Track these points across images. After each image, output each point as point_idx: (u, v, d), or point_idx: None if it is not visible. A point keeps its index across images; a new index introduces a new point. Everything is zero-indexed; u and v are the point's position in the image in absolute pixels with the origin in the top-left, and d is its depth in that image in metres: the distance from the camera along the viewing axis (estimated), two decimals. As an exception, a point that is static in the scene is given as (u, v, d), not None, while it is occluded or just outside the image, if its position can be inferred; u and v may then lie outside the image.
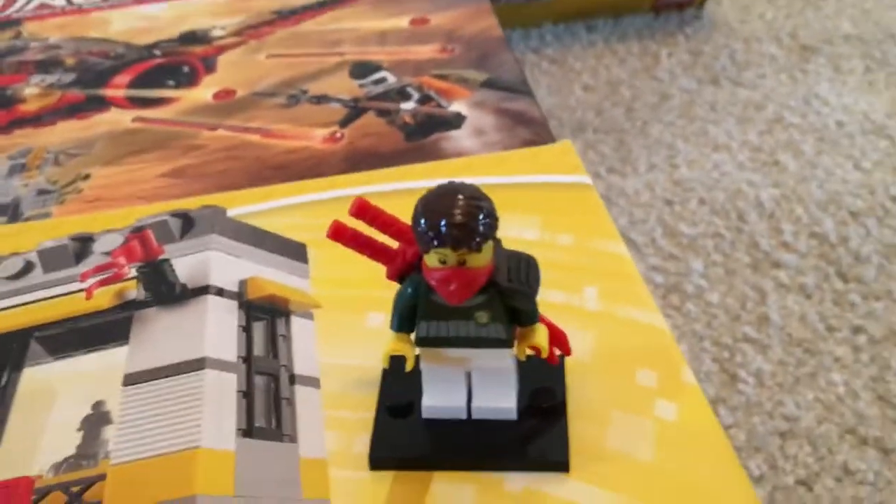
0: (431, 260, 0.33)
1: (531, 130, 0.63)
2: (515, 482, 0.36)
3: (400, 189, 0.53)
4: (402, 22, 0.77)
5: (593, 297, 0.45)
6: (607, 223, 0.51)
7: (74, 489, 0.37)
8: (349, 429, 0.39)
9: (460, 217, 0.32)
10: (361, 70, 0.71)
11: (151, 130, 0.65)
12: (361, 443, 0.38)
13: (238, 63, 0.73)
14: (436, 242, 0.32)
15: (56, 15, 0.82)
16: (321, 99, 0.67)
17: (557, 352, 0.39)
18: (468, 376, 0.37)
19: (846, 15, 1.21)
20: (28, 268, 0.50)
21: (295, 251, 0.49)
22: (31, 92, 0.71)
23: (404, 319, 0.35)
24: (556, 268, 0.47)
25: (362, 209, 0.35)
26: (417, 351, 0.36)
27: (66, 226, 0.53)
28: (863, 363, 0.70)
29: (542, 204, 0.52)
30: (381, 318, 0.44)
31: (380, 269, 0.36)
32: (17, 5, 0.83)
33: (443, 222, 0.31)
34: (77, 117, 0.68)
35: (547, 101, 1.02)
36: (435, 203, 0.32)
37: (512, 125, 0.64)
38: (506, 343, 0.35)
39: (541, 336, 0.36)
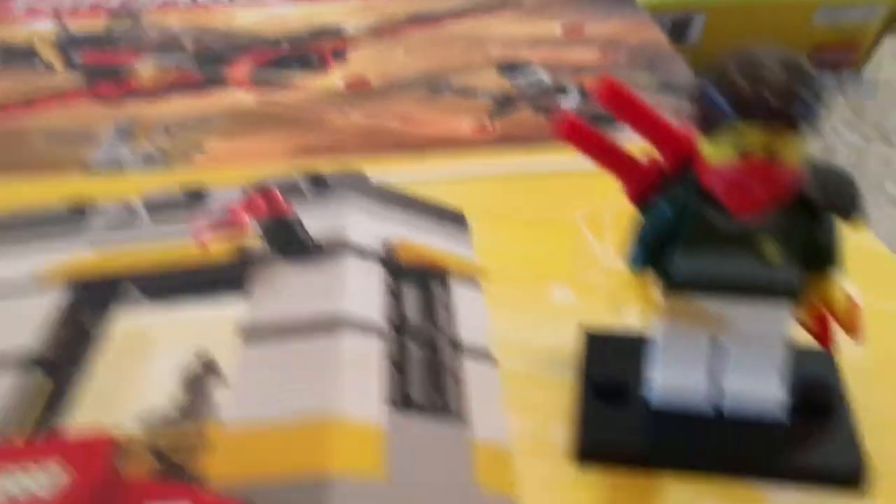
0: (722, 150, 0.23)
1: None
2: (783, 499, 0.25)
3: (572, 170, 0.43)
4: (554, 29, 0.69)
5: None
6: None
7: (169, 452, 0.27)
8: (539, 411, 0.29)
9: (779, 79, 0.21)
10: (511, 67, 0.63)
11: (276, 111, 0.57)
12: (556, 430, 0.28)
13: (373, 56, 0.66)
14: (738, 114, 0.22)
15: (178, 10, 0.77)
16: (467, 91, 0.59)
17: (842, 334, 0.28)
18: (714, 350, 0.27)
19: None
20: (133, 217, 0.41)
21: (452, 218, 0.40)
22: (147, 69, 0.64)
23: (652, 252, 0.25)
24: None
25: (613, 92, 0.25)
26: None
27: (177, 178, 0.45)
28: None
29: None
30: (567, 292, 0.34)
31: (554, 245, 0.26)
32: (138, 3, 0.78)
33: (753, 84, 0.21)
34: (194, 94, 0.60)
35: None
36: (736, 65, 0.22)
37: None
38: (795, 293, 0.25)
39: (839, 290, 0.25)
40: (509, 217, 0.40)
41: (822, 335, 0.28)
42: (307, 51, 0.67)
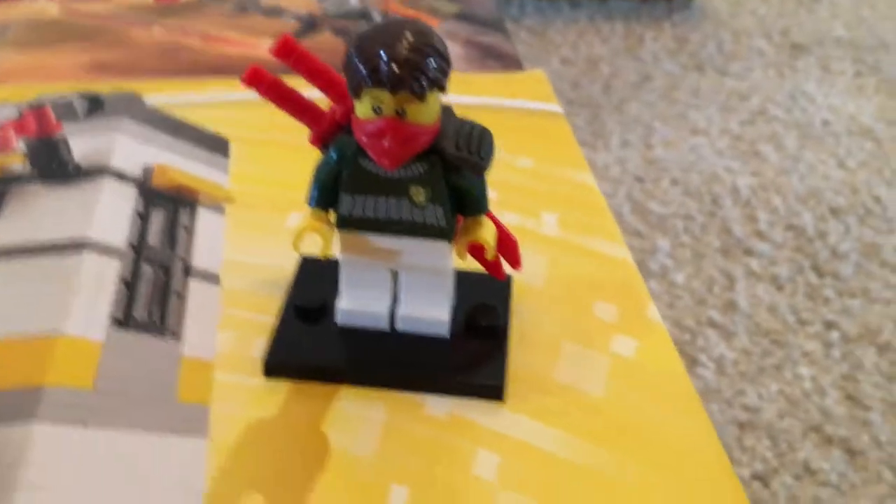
0: (363, 108, 0.26)
1: (502, 64, 0.57)
2: (439, 406, 0.30)
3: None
4: (374, -53, 0.71)
5: (552, 223, 0.39)
6: (575, 152, 0.45)
7: None
8: (248, 331, 0.32)
9: (404, 52, 0.25)
10: (322, -13, 0.64)
11: (78, 23, 0.58)
12: (259, 347, 0.31)
13: (187, -34, 0.66)
14: (370, 81, 0.25)
15: None
16: (273, 11, 0.61)
17: (506, 266, 0.33)
18: (394, 278, 0.31)
19: (840, 19, 1.17)
20: None
21: (215, 144, 0.43)
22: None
23: (325, 192, 0.29)
24: (512, 189, 0.41)
25: (287, 47, 0.28)
26: (337, 239, 0.30)
27: (-45, 93, 0.46)
28: (833, 360, 0.65)
29: (507, 126, 0.46)
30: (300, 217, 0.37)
31: (309, 170, 0.29)
32: None
33: (382, 55, 0.25)
34: (-3, -1, 0.60)
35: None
36: (374, 34, 0.26)
37: (482, 57, 0.57)
38: (444, 232, 0.29)
39: (488, 231, 0.29)
40: (272, 142, 0.43)
41: (489, 267, 0.32)
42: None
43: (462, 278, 0.32)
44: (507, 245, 0.32)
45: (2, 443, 0.28)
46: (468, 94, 0.49)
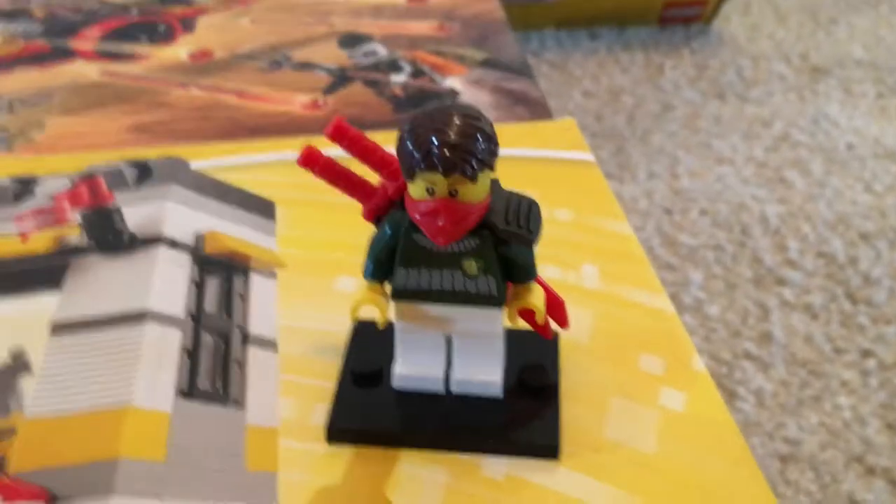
0: (417, 190, 0.27)
1: (530, 110, 0.58)
2: (496, 468, 0.31)
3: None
4: (399, -3, 0.72)
5: (593, 275, 0.40)
6: (611, 201, 0.46)
7: (-25, 444, 0.31)
8: (308, 396, 0.33)
9: (455, 136, 0.26)
10: (351, 41, 0.66)
11: (118, 85, 0.60)
12: (320, 413, 0.32)
13: (219, 26, 0.68)
14: (424, 165, 0.26)
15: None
16: (305, 66, 0.62)
17: (553, 325, 0.34)
18: (448, 343, 0.32)
19: (859, 41, 1.17)
20: (-40, 207, 0.44)
21: (262, 208, 0.44)
22: (-6, 39, 0.65)
23: (380, 265, 0.30)
24: (552, 243, 0.42)
25: (340, 130, 0.30)
26: (392, 308, 0.31)
27: (9, 166, 0.48)
28: (871, 388, 0.65)
29: (541, 178, 0.47)
30: (352, 282, 0.39)
31: (354, 231, 0.31)
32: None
33: (434, 140, 0.26)
34: (39, 67, 0.62)
35: (545, 106, 0.97)
36: (426, 120, 0.27)
37: (510, 104, 0.59)
38: (496, 300, 0.30)
39: (537, 297, 0.30)
40: (316, 203, 0.44)
41: (539, 329, 0.33)
42: (155, 17, 0.69)
43: (510, 337, 0.33)
44: (555, 306, 0.33)
45: (81, 518, 0.29)
46: (500, 145, 0.50)
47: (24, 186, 0.46)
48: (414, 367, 0.32)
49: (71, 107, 0.57)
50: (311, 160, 0.30)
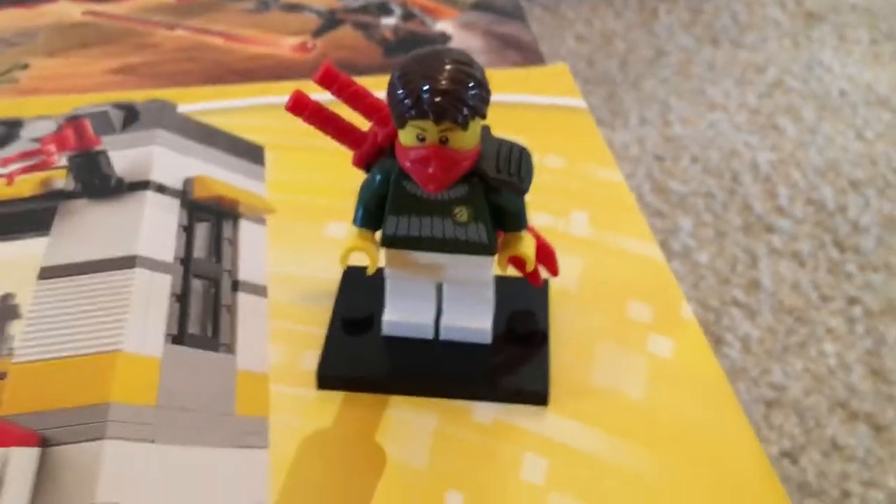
0: (407, 137, 0.27)
1: (522, 55, 0.57)
2: (485, 413, 0.31)
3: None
4: (390, -63, 0.71)
5: (583, 222, 0.40)
6: (602, 148, 0.45)
7: (-36, 389, 0.31)
8: (298, 343, 0.33)
9: (445, 83, 0.26)
10: (341, -19, 0.65)
11: (102, 25, 0.59)
12: (310, 358, 0.32)
13: (207, -36, 0.67)
14: (414, 112, 0.26)
15: None
16: (294, 7, 0.61)
17: (543, 272, 0.34)
18: (439, 290, 0.32)
19: (853, -14, 1.16)
20: (-56, 150, 0.43)
21: (250, 152, 0.44)
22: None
23: (370, 213, 0.30)
24: (543, 190, 0.42)
25: (329, 75, 0.29)
26: (382, 254, 0.31)
27: (-6, 108, 0.47)
28: (857, 335, 0.66)
29: (532, 124, 0.46)
30: (343, 227, 0.38)
31: (345, 176, 0.31)
32: None
33: (424, 87, 0.26)
34: (21, 6, 0.61)
35: (536, 50, 0.96)
36: (416, 66, 0.26)
37: (501, 48, 0.58)
38: (487, 248, 0.30)
39: (527, 245, 0.30)
40: (306, 148, 0.44)
41: (529, 277, 0.33)
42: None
43: (500, 284, 0.33)
44: (546, 255, 0.33)
45: (75, 459, 0.29)
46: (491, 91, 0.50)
47: (9, 129, 0.45)
48: (404, 313, 0.32)
49: (55, 48, 0.56)
50: (300, 106, 0.30)
